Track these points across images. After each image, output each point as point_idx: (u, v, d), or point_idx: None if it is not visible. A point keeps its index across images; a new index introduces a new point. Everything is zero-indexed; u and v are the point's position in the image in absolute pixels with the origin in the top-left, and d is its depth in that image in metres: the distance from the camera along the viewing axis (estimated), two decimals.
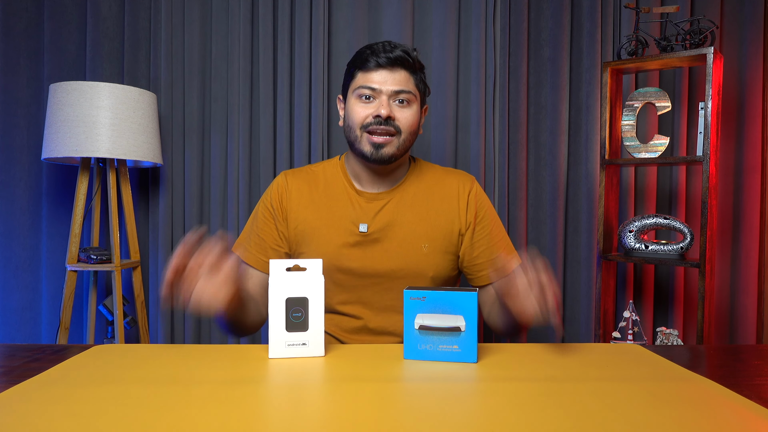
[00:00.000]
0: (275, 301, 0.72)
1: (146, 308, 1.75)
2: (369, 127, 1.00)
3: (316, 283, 0.73)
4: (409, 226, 1.05)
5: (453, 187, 1.11)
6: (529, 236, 1.79)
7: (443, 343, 0.72)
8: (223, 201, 1.78)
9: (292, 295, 0.73)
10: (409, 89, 1.01)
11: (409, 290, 0.73)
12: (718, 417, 0.52)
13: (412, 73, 1.03)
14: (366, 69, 1.01)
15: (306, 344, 0.73)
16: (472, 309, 0.72)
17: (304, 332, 0.73)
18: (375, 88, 1.00)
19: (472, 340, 0.72)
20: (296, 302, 0.73)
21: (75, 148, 1.45)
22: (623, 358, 0.74)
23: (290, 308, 0.73)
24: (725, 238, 1.78)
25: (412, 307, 0.73)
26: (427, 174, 1.12)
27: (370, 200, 1.07)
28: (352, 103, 1.03)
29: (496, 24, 1.74)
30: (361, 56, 1.02)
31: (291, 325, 0.73)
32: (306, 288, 0.73)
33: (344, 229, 1.04)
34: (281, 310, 0.73)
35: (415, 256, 1.04)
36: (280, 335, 0.73)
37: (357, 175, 1.09)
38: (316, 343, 0.73)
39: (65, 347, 0.78)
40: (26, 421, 0.50)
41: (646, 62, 1.55)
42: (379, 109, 0.99)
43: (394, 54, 0.99)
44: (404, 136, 1.02)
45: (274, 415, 0.52)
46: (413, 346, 0.73)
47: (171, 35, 1.74)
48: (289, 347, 0.73)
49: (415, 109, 1.04)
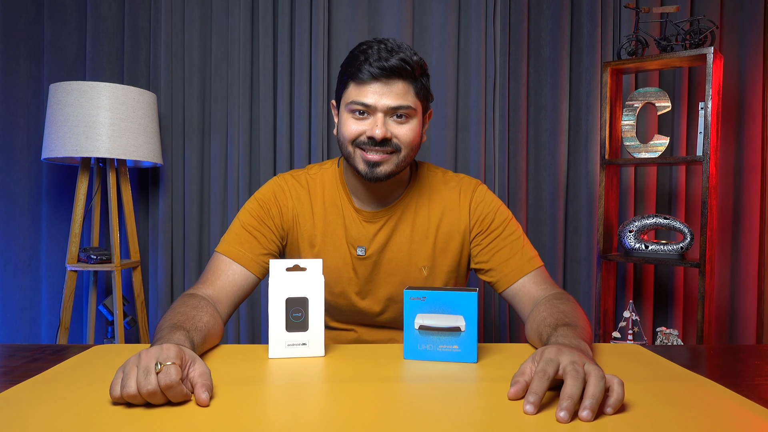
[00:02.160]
0: (275, 301, 0.72)
1: (146, 308, 1.75)
2: (362, 145, 0.90)
3: (316, 283, 0.73)
4: (409, 246, 0.98)
5: (454, 199, 1.01)
6: (529, 236, 1.79)
7: (443, 343, 0.72)
8: (223, 201, 1.78)
9: (292, 295, 0.72)
10: (407, 103, 0.89)
11: (409, 290, 0.73)
12: (717, 417, 0.52)
13: (412, 81, 0.90)
14: (359, 81, 0.89)
15: (306, 344, 0.73)
16: (472, 309, 0.71)
17: (304, 332, 0.73)
18: (369, 104, 0.88)
19: (472, 340, 0.72)
20: (296, 302, 0.72)
21: (75, 148, 1.45)
22: (623, 358, 0.74)
23: (290, 308, 0.72)
24: (725, 238, 1.78)
25: (412, 307, 0.73)
26: (429, 185, 1.02)
27: (368, 219, 0.98)
28: (344, 116, 0.92)
29: (496, 24, 1.74)
30: (354, 63, 0.90)
31: (291, 325, 0.72)
32: (306, 288, 0.73)
33: (342, 250, 0.98)
34: (281, 310, 0.72)
35: (413, 280, 0.99)
36: (280, 335, 0.72)
37: (354, 190, 0.99)
38: (316, 343, 0.73)
39: (65, 347, 0.78)
40: (26, 421, 0.50)
41: (646, 62, 1.55)
42: (373, 130, 0.88)
43: (389, 63, 0.86)
44: (404, 152, 0.91)
45: (275, 415, 0.52)
46: (413, 346, 0.73)
47: (171, 35, 1.74)
48: (289, 347, 0.73)
49: (415, 123, 0.92)
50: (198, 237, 1.77)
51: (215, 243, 1.76)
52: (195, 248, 1.76)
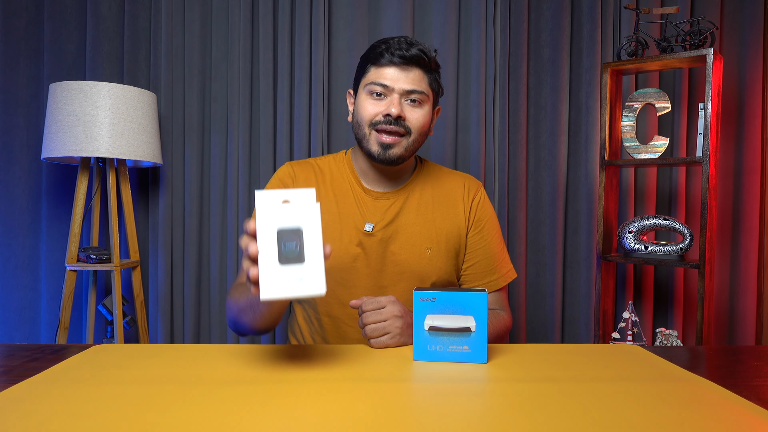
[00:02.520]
0: (264, 234, 0.61)
1: (146, 308, 1.75)
2: (378, 125, 0.97)
3: (310, 212, 0.63)
4: (414, 228, 1.04)
5: (458, 191, 1.09)
6: (528, 237, 1.79)
7: (453, 343, 0.72)
8: (222, 201, 1.78)
9: (284, 227, 0.62)
10: (422, 89, 0.98)
11: (419, 291, 0.73)
12: (717, 418, 0.52)
13: (427, 72, 0.99)
14: (379, 64, 0.97)
15: (302, 279, 0.61)
16: (482, 309, 0.71)
17: (300, 264, 0.62)
18: (387, 86, 0.96)
19: (482, 340, 0.71)
20: (289, 235, 0.62)
21: (75, 148, 1.45)
22: (622, 358, 0.74)
23: (282, 240, 0.62)
24: (725, 239, 1.78)
25: (421, 308, 0.72)
26: (434, 176, 1.10)
27: (376, 199, 1.05)
28: (362, 98, 1.00)
29: (496, 24, 1.74)
30: (375, 50, 0.98)
31: (284, 258, 0.61)
32: (299, 217, 0.62)
33: (350, 226, 1.03)
34: (272, 243, 0.61)
35: (418, 258, 1.03)
36: (273, 270, 0.61)
37: (364, 173, 1.06)
38: (314, 277, 0.62)
39: (64, 347, 0.78)
40: (26, 420, 0.50)
41: (646, 63, 1.55)
42: (389, 108, 0.96)
43: (409, 53, 0.95)
44: (414, 136, 0.99)
45: (278, 415, 0.52)
46: (423, 347, 0.72)
47: (171, 35, 1.74)
48: (283, 284, 0.61)
49: (426, 109, 1.00)
50: (198, 237, 1.77)
51: (215, 243, 1.76)
52: (195, 248, 1.76)
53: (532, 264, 1.79)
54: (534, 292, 1.79)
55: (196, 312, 1.77)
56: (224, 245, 1.77)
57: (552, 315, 1.76)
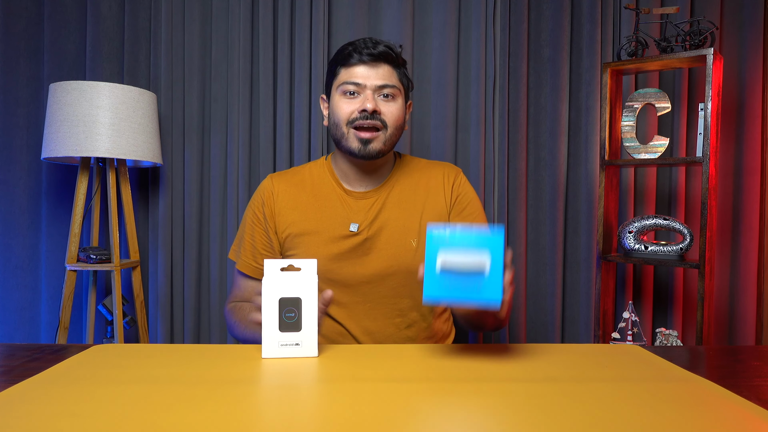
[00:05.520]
0: (268, 301, 0.72)
1: (146, 308, 1.75)
2: (355, 122, 1.00)
3: (309, 283, 0.73)
4: (398, 222, 1.06)
5: (438, 179, 1.11)
6: (528, 237, 1.79)
7: (466, 282, 0.68)
8: (222, 201, 1.78)
9: (285, 295, 0.72)
10: (393, 83, 1.02)
11: (432, 225, 0.71)
12: (717, 418, 0.52)
13: (395, 67, 1.03)
14: (349, 65, 1.01)
15: (299, 344, 0.73)
16: (498, 248, 0.68)
17: (297, 332, 0.73)
18: (359, 83, 1.00)
19: (497, 279, 0.67)
20: (289, 302, 0.72)
21: (75, 148, 1.45)
22: (622, 358, 0.74)
23: (283, 308, 0.72)
24: (725, 239, 1.78)
25: (434, 244, 0.69)
26: (413, 168, 1.13)
27: (358, 199, 1.07)
28: (336, 99, 1.03)
29: (496, 24, 1.74)
30: (343, 52, 1.02)
31: (284, 326, 0.72)
32: (299, 288, 0.73)
33: (334, 228, 1.05)
34: (274, 310, 0.72)
35: (404, 252, 1.04)
36: (273, 335, 0.72)
37: (345, 174, 1.09)
38: (309, 343, 0.73)
39: (64, 347, 0.78)
40: (26, 420, 0.50)
41: (645, 63, 1.55)
42: (364, 104, 0.99)
43: (377, 50, 1.00)
44: (390, 130, 1.02)
45: (270, 416, 0.52)
46: (434, 286, 0.69)
47: (171, 35, 1.74)
48: (282, 347, 0.73)
49: (399, 103, 1.04)
50: (198, 237, 1.77)
51: (215, 243, 1.76)
52: (195, 248, 1.76)
53: (532, 264, 1.79)
54: (534, 292, 1.79)
55: (196, 312, 1.77)
56: (224, 245, 1.77)
57: (552, 315, 1.76)
